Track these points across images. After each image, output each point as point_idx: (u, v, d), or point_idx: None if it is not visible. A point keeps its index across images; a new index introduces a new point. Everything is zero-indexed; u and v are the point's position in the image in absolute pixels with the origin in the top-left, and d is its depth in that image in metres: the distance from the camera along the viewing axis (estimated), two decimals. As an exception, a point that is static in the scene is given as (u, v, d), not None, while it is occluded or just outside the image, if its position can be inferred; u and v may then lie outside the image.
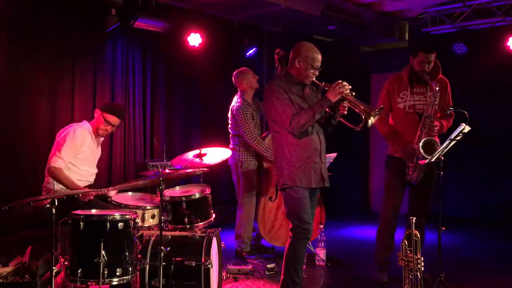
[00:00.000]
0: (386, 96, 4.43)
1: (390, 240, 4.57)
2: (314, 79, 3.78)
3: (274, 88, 3.76)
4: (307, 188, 3.76)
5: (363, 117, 3.63)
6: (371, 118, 3.60)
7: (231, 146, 5.30)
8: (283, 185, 3.77)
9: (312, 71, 3.74)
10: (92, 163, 4.45)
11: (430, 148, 4.05)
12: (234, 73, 5.37)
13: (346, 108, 3.72)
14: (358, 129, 3.77)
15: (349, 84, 3.67)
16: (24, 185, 5.64)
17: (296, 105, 3.72)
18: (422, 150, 4.04)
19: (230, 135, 5.34)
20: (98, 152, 4.52)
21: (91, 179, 4.45)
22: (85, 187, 4.29)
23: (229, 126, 5.33)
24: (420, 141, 4.12)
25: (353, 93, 3.67)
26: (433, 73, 4.37)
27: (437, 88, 4.21)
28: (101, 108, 4.42)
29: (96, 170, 4.51)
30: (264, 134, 5.31)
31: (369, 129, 3.98)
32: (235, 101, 5.24)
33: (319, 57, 3.76)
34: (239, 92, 5.31)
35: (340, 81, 3.65)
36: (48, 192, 3.70)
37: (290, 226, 3.80)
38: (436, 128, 4.21)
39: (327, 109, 3.74)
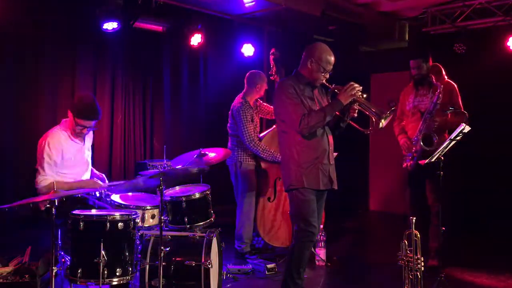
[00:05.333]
0: (401, 104, 5.22)
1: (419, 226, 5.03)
2: (324, 81, 3.75)
3: (284, 87, 3.71)
4: (314, 190, 3.71)
5: (374, 119, 3.59)
6: (382, 120, 3.54)
7: (229, 146, 5.30)
8: (290, 186, 3.72)
9: (323, 74, 3.71)
10: (82, 162, 4.24)
11: (428, 140, 4.74)
12: (252, 72, 5.30)
13: (357, 111, 3.66)
14: (368, 132, 3.73)
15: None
16: (24, 185, 5.64)
17: (306, 105, 3.67)
18: (421, 143, 4.74)
19: (229, 134, 5.33)
20: (86, 149, 4.27)
21: (87, 176, 4.31)
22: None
23: (228, 125, 5.31)
24: (420, 134, 4.80)
25: (364, 95, 3.63)
26: (436, 77, 4.95)
27: (440, 89, 4.75)
28: (72, 110, 4.05)
29: (89, 167, 4.34)
30: (260, 135, 5.28)
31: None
32: (237, 102, 5.21)
33: (332, 59, 3.71)
34: (242, 93, 5.27)
35: (352, 83, 3.61)
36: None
37: (296, 228, 3.75)
38: (435, 123, 4.77)
39: (337, 112, 3.70)
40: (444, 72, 5.14)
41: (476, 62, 6.89)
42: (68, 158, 4.08)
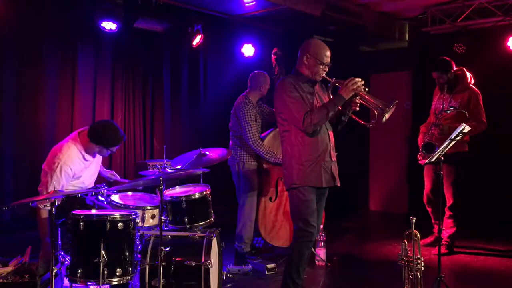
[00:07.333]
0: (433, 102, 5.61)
1: (435, 214, 5.51)
2: (324, 75, 3.73)
3: (285, 86, 3.69)
4: (315, 189, 3.70)
5: (376, 113, 3.56)
6: (385, 114, 3.50)
7: (231, 145, 5.27)
8: (292, 185, 3.70)
9: (321, 67, 3.69)
10: (90, 174, 4.12)
11: (429, 148, 5.04)
12: (256, 72, 5.27)
13: (358, 105, 3.64)
14: (371, 125, 3.72)
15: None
16: (24, 185, 5.65)
17: (308, 103, 3.66)
18: (423, 150, 5.17)
19: (230, 134, 5.32)
20: (95, 162, 4.12)
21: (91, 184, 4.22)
22: None
23: (230, 124, 5.29)
24: (425, 138, 5.33)
25: (366, 89, 3.60)
26: (459, 84, 5.36)
27: (452, 104, 5.24)
28: (91, 136, 3.84)
29: (95, 177, 4.25)
30: (262, 135, 5.27)
31: (369, 127, 3.95)
32: (240, 101, 5.17)
33: (328, 53, 3.70)
34: (245, 93, 5.24)
35: (353, 77, 3.58)
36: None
37: (295, 228, 3.74)
38: (439, 128, 5.24)
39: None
40: (468, 76, 5.39)
41: (476, 62, 6.88)
42: (77, 176, 3.98)
